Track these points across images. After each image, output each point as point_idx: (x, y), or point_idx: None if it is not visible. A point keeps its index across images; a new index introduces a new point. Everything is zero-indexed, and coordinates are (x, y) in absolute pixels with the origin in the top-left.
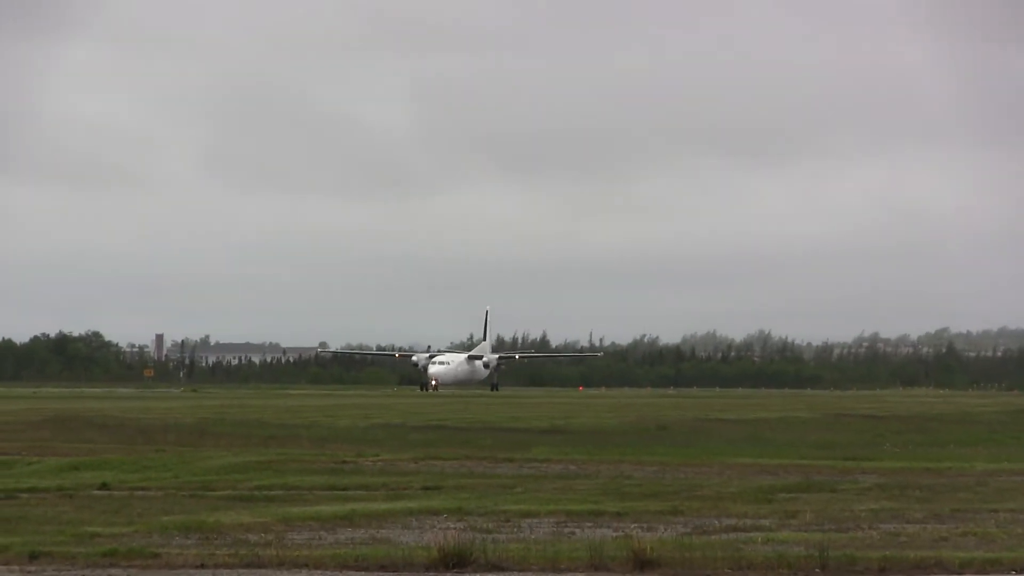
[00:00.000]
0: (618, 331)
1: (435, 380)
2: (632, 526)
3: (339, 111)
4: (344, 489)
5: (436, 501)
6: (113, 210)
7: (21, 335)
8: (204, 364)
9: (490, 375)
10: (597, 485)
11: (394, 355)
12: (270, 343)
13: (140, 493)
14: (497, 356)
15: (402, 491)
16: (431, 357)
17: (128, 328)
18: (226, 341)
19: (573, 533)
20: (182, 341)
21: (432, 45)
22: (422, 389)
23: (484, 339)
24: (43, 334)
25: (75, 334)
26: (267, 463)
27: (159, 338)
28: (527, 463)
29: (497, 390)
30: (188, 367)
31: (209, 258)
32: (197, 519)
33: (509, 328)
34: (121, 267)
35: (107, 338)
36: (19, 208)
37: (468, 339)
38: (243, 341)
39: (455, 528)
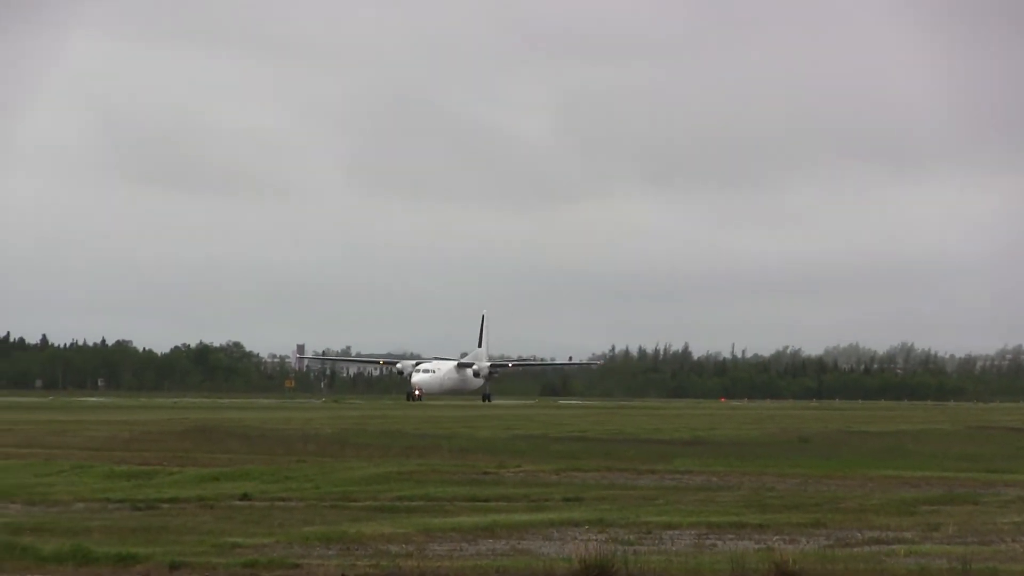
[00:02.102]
0: (760, 342)
1: (419, 389)
2: (774, 538)
3: (486, 121)
4: (485, 500)
5: (577, 512)
6: (256, 220)
7: (162, 345)
8: (345, 375)
9: (483, 385)
10: (739, 497)
11: (378, 362)
12: (410, 353)
13: (281, 504)
14: (489, 364)
15: (543, 502)
16: (416, 364)
17: (269, 339)
18: (367, 352)
19: (715, 545)
20: (323, 351)
21: (578, 56)
22: (408, 399)
23: (479, 346)
24: (184, 344)
25: (216, 344)
26: (408, 474)
27: (300, 348)
28: (669, 474)
29: (489, 400)
30: (329, 378)
31: (352, 268)
32: (338, 530)
33: (651, 339)
34: (263, 277)
35: (248, 349)
36: (163, 218)
37: (611, 350)
38: (384, 352)
39: (596, 540)
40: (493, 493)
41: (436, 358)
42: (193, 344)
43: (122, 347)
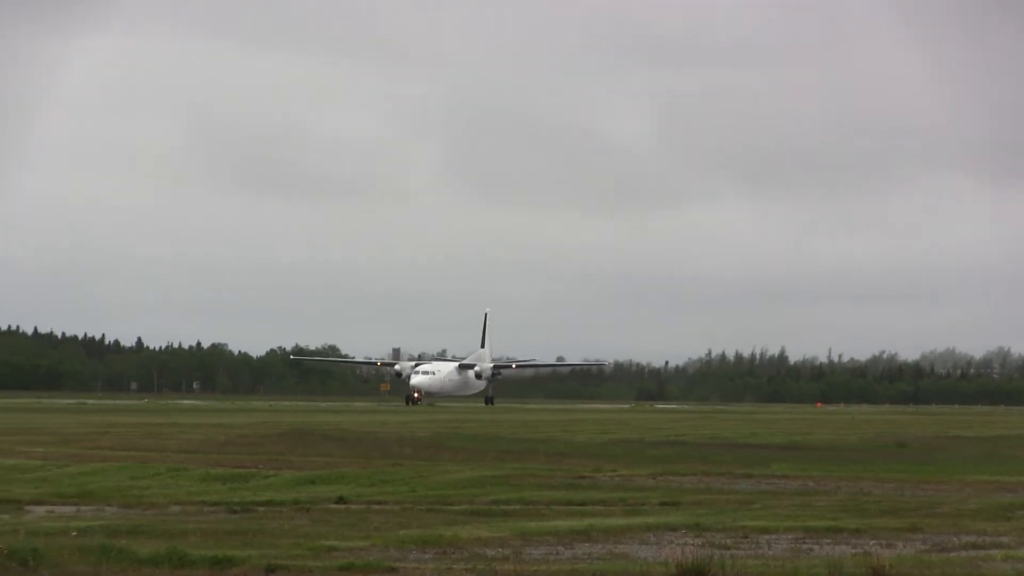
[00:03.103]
0: (857, 347)
1: (417, 392)
2: (871, 543)
3: (581, 127)
4: (581, 504)
5: (674, 517)
6: (352, 224)
7: (258, 348)
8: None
9: (486, 387)
10: (836, 501)
11: (375, 363)
12: (506, 357)
13: (377, 507)
14: (492, 366)
15: (639, 506)
16: (415, 366)
17: (364, 342)
18: (462, 355)
19: (811, 550)
20: (419, 355)
21: (674, 61)
22: (407, 402)
23: (483, 347)
24: (279, 347)
25: (311, 347)
26: (504, 477)
27: (395, 352)
28: (765, 479)
29: (492, 403)
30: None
31: (447, 272)
32: (434, 533)
33: (747, 343)
34: (359, 281)
35: (344, 352)
36: (259, 222)
37: (707, 354)
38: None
39: (693, 544)
40: (589, 497)
41: (437, 359)
42: (288, 347)
43: (217, 350)
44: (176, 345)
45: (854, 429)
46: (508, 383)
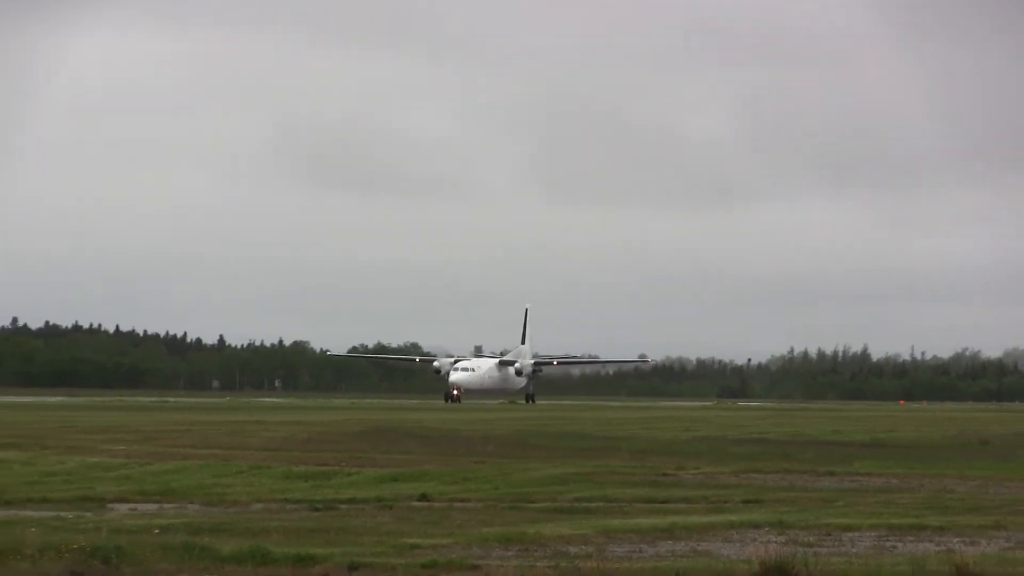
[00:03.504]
0: (940, 345)
1: (457, 389)
2: (954, 540)
3: (664, 123)
4: (664, 502)
5: (757, 514)
6: (435, 222)
7: (340, 346)
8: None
9: (526, 384)
10: (919, 499)
11: (414, 359)
12: (589, 355)
13: (459, 504)
14: (532, 362)
15: (722, 504)
16: (455, 362)
17: (447, 340)
18: (545, 353)
19: (895, 547)
20: (501, 352)
21: (756, 57)
22: (446, 400)
23: (523, 343)
24: (362, 345)
25: (394, 345)
26: (586, 475)
27: (477, 349)
28: (848, 476)
29: (533, 401)
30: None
31: (528, 270)
32: (517, 531)
33: (830, 341)
34: (441, 279)
35: (426, 350)
36: (342, 220)
37: (789, 352)
38: (562, 353)
39: (776, 542)
40: (672, 495)
41: (477, 355)
42: (371, 344)
43: (299, 348)
44: (258, 343)
45: (937, 427)
46: (576, 381)
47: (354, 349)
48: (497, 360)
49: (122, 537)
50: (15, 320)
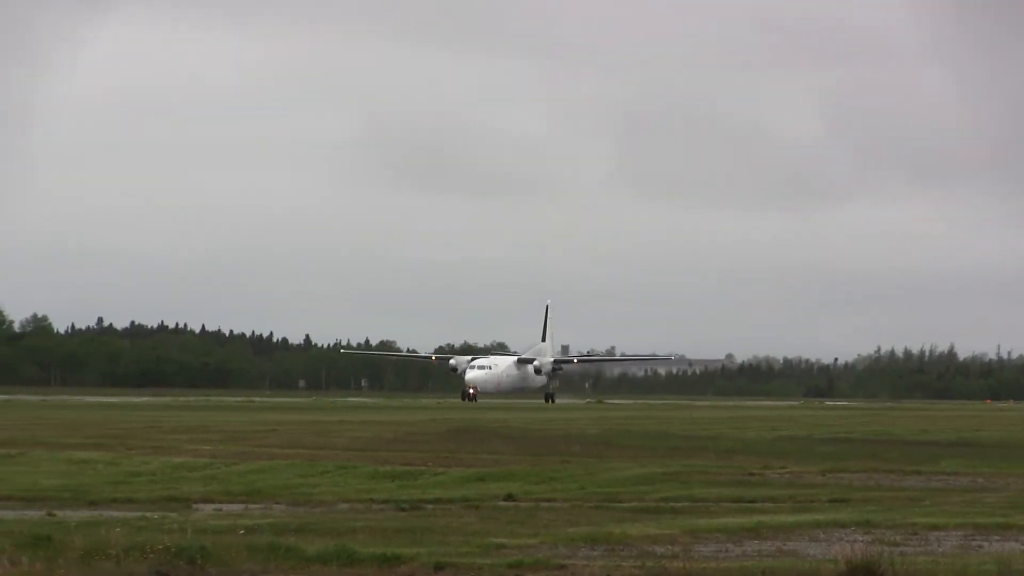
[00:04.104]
0: None
1: (473, 387)
2: None
3: (750, 122)
4: (750, 501)
5: (843, 514)
6: (521, 222)
7: (427, 346)
8: (610, 375)
9: (546, 383)
10: (1005, 498)
11: (429, 357)
12: (676, 355)
13: (545, 504)
14: (552, 360)
15: (809, 503)
16: (472, 360)
17: (533, 339)
18: (632, 353)
19: (981, 547)
20: (588, 352)
21: (843, 55)
22: (463, 399)
23: (544, 340)
24: (448, 345)
25: (480, 345)
26: (673, 475)
27: (564, 349)
28: (935, 476)
29: (553, 401)
30: (593, 379)
31: (616, 270)
32: (603, 531)
33: (916, 340)
34: (528, 278)
35: (512, 349)
36: (428, 219)
37: (876, 351)
38: (649, 353)
39: (862, 541)
40: (759, 494)
41: (495, 353)
42: (457, 344)
43: (386, 347)
44: (344, 342)
45: None
46: (662, 381)
47: (440, 349)
48: (516, 358)
49: (207, 537)
50: (101, 320)
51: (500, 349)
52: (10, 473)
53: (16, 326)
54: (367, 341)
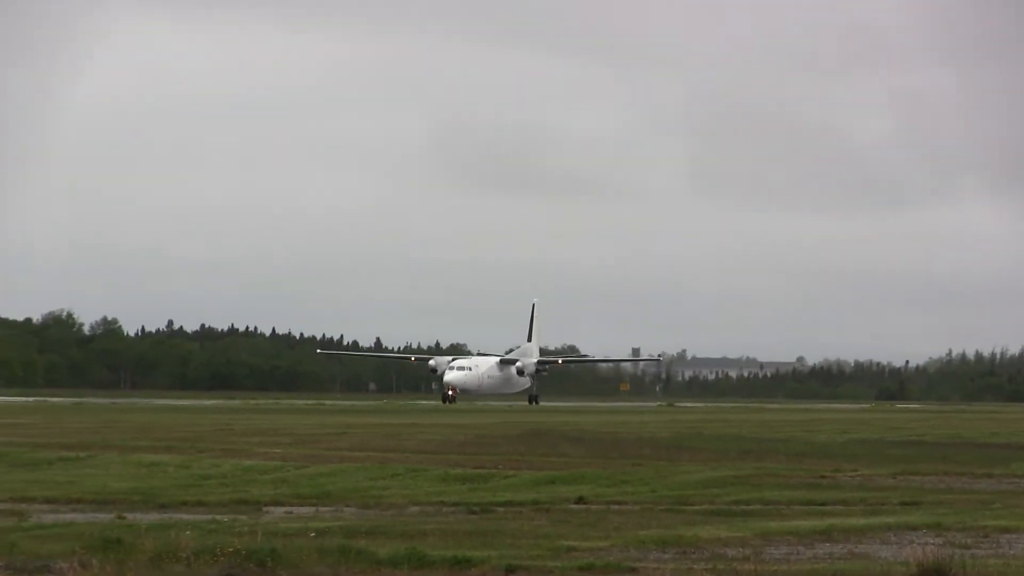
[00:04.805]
0: None
1: (452, 389)
2: None
3: (823, 124)
4: (821, 504)
5: (914, 516)
6: (594, 223)
7: (499, 348)
8: (680, 378)
9: (530, 385)
10: None
11: (409, 358)
12: (747, 358)
13: (616, 507)
14: (535, 361)
15: (880, 506)
16: (452, 361)
17: (605, 342)
18: (702, 355)
19: None
20: (658, 355)
21: (916, 57)
22: (444, 401)
23: (529, 340)
24: (517, 347)
25: (551, 347)
26: (744, 478)
27: (635, 352)
28: (1007, 478)
29: (537, 403)
30: (664, 381)
31: (687, 272)
32: (674, 533)
33: (988, 343)
34: (599, 280)
35: (583, 352)
36: (503, 221)
37: (947, 354)
38: (720, 355)
39: (933, 544)
40: (830, 497)
41: (480, 353)
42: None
43: (456, 350)
44: (415, 345)
45: None
46: (734, 384)
47: (510, 351)
48: (498, 359)
49: (278, 540)
50: (171, 323)
51: (570, 352)
52: (81, 476)
53: (86, 329)
54: (437, 344)
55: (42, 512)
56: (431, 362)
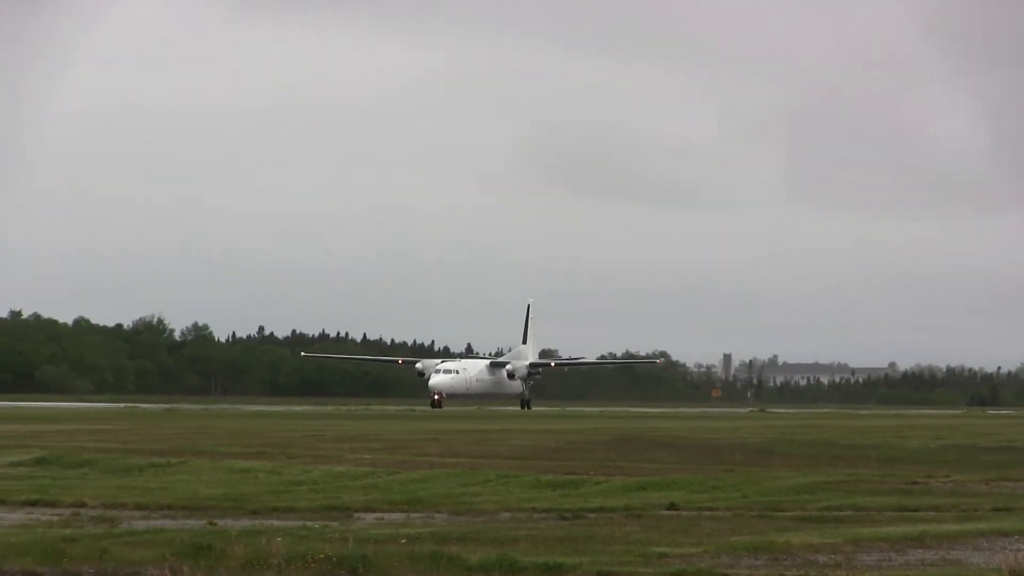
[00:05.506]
0: None
1: (438, 393)
2: None
3: (913, 129)
4: (914, 510)
5: (1007, 522)
6: (684, 229)
7: (588, 354)
8: (772, 384)
9: (522, 389)
10: None
11: (396, 361)
12: (838, 363)
13: (708, 513)
14: (527, 364)
15: (972, 512)
16: (440, 363)
17: (696, 348)
18: (794, 361)
19: None
20: (750, 361)
21: (1009, 62)
22: (431, 406)
23: (524, 342)
24: (610, 353)
25: (642, 354)
26: (836, 483)
27: (727, 358)
28: None
29: (529, 407)
30: (756, 387)
31: (779, 278)
32: (766, 539)
33: None
34: (690, 286)
35: (674, 358)
36: (593, 226)
37: None
38: (811, 361)
39: None
40: (922, 503)
41: (469, 356)
42: (619, 353)
43: (548, 355)
44: (506, 350)
45: None
46: (825, 390)
47: (602, 357)
48: (488, 362)
49: (369, 547)
50: (262, 329)
51: (662, 356)
52: (171, 482)
53: (177, 335)
54: None
55: (133, 518)
56: (418, 365)
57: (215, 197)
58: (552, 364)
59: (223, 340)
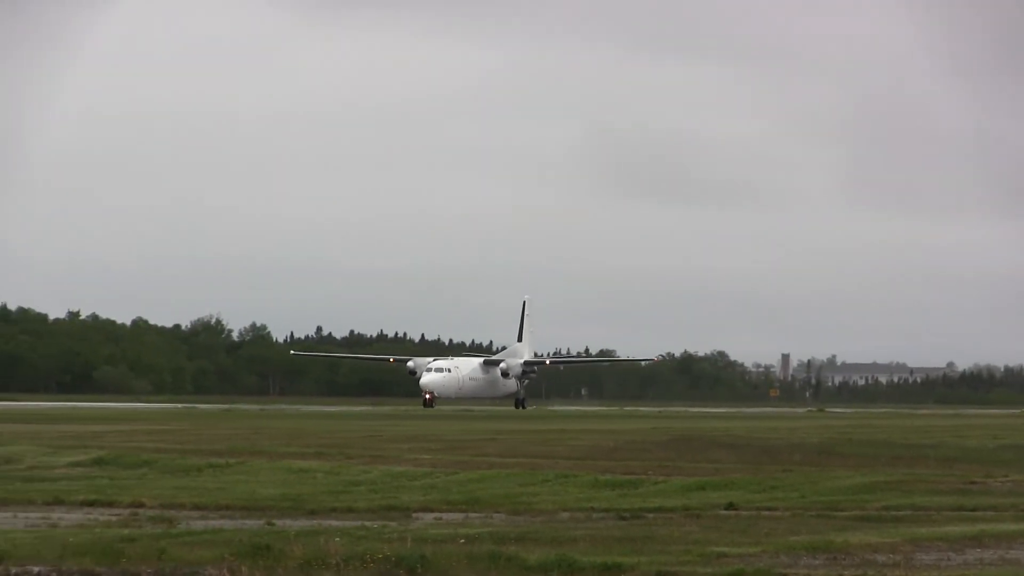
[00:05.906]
0: None
1: (429, 392)
2: None
3: (970, 130)
4: (972, 510)
5: None
6: (742, 230)
7: (647, 355)
8: (830, 384)
9: (517, 388)
10: None
11: (388, 359)
12: (896, 363)
13: (766, 513)
14: (522, 362)
15: None
16: (432, 362)
17: (754, 348)
18: (852, 361)
19: None
20: (808, 361)
21: None
22: (424, 405)
23: (520, 340)
24: (668, 353)
25: (700, 354)
26: (894, 483)
27: (785, 358)
28: None
29: (524, 407)
30: (814, 387)
31: (837, 278)
32: (824, 539)
33: None
34: (749, 287)
35: (732, 358)
36: (651, 228)
37: None
38: (869, 361)
39: None
40: (980, 503)
41: (466, 354)
42: (677, 353)
43: (606, 356)
44: (565, 351)
45: None
46: (884, 390)
47: (662, 357)
48: (482, 360)
49: (427, 547)
50: (319, 329)
51: (720, 357)
52: (230, 482)
53: (235, 336)
54: (587, 350)
55: (191, 518)
56: (410, 363)
57: (274, 200)
58: (547, 363)
59: (281, 341)
